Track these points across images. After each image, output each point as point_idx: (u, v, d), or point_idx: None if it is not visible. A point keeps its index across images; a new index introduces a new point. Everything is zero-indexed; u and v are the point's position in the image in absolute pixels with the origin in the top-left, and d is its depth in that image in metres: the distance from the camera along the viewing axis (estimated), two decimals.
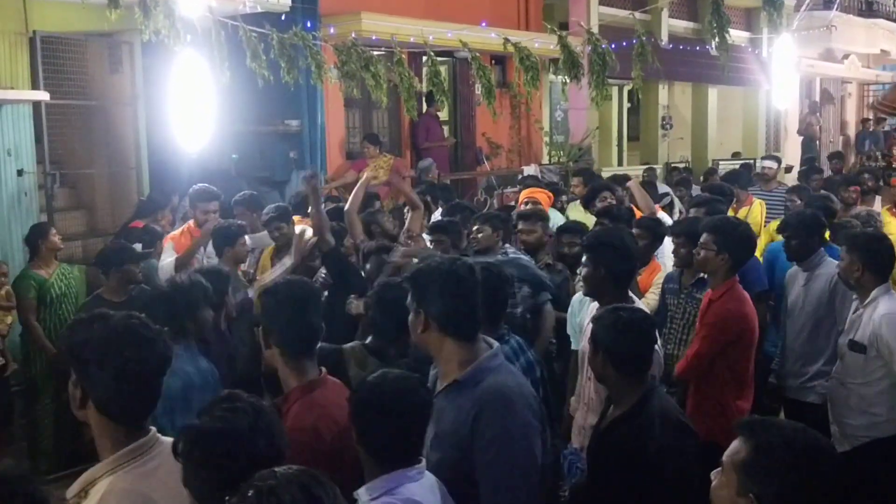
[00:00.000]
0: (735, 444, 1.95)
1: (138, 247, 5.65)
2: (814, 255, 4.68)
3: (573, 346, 4.35)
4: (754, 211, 7.48)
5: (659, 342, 3.61)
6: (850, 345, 4.00)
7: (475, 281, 2.58)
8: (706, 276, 4.24)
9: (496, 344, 2.65)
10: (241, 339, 4.56)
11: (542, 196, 6.54)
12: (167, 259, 5.44)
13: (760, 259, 5.36)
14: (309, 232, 5.28)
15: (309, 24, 7.47)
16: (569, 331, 4.51)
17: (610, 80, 6.90)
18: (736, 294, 4.02)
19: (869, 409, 3.94)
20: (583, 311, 4.20)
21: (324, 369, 2.82)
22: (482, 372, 2.50)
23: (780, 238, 5.05)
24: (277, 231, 5.46)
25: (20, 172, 6.43)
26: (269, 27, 6.49)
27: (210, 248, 5.44)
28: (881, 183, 8.63)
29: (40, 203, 6.79)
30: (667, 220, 6.09)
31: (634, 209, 6.11)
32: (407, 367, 2.84)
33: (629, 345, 2.90)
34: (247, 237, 5.32)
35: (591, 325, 3.03)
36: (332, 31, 8.02)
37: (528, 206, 6.09)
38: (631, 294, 3.74)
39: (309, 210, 5.25)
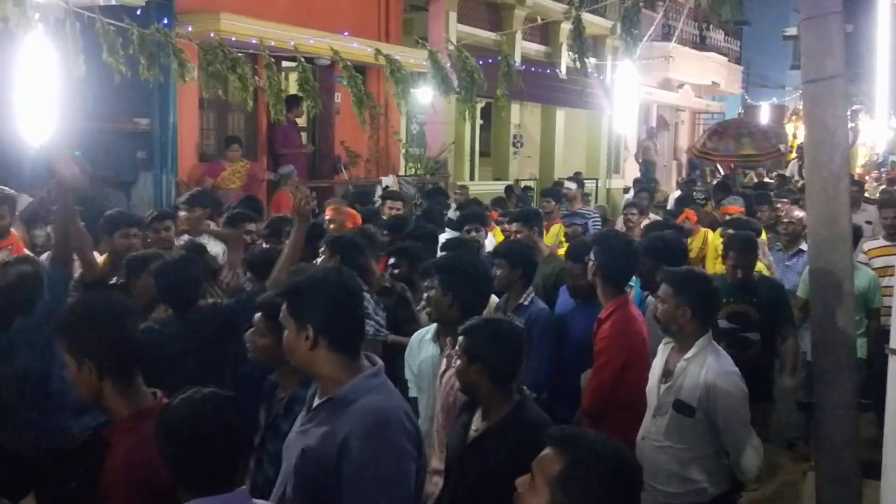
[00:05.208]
0: (549, 455, 1.93)
1: None
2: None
3: (411, 393, 3.73)
4: (553, 231, 7.55)
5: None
6: (675, 405, 3.44)
7: (362, 293, 2.50)
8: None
9: (379, 362, 2.47)
10: None
11: (340, 215, 6.12)
12: None
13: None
14: None
15: (165, 21, 7.17)
16: (407, 375, 3.84)
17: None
18: (624, 312, 3.96)
19: (688, 475, 3.46)
20: (423, 352, 3.74)
21: (158, 392, 2.53)
22: (358, 391, 2.33)
23: None
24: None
25: None
26: (129, 21, 6.18)
27: None
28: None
29: None
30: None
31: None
32: None
33: (508, 355, 2.88)
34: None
35: (462, 338, 2.95)
36: (188, 29, 7.75)
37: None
38: None
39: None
